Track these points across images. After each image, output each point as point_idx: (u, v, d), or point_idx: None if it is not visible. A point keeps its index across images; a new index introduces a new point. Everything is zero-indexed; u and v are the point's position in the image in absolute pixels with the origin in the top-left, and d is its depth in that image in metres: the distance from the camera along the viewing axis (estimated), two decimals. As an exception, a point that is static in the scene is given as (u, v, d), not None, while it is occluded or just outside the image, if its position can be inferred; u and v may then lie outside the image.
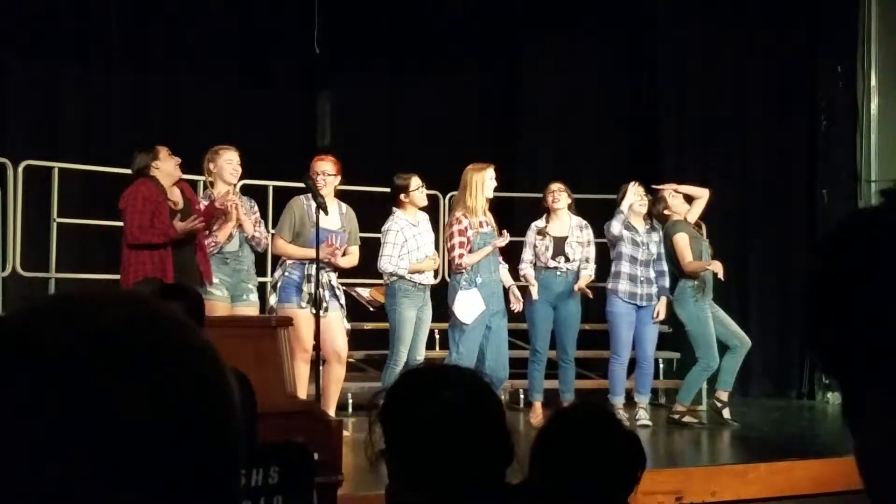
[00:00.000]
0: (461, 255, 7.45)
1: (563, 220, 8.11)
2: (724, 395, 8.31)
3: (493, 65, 11.11)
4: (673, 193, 8.34)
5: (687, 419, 8.25)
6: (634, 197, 8.11)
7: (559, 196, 8.07)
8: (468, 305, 7.46)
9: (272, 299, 7.13)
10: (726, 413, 8.26)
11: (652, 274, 8.15)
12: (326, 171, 7.10)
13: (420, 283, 7.42)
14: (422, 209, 7.61)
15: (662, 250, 8.20)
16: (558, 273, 8.03)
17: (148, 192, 6.59)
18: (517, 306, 7.86)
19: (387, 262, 7.34)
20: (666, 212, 8.31)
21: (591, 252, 8.17)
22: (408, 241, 7.38)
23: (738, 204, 9.98)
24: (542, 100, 11.08)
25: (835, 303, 0.87)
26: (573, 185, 8.42)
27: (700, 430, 8.22)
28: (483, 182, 7.51)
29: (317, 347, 6.65)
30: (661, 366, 9.82)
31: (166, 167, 6.69)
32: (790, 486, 6.58)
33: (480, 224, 7.56)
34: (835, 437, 7.70)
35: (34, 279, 8.39)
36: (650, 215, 8.26)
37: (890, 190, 0.88)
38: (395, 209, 7.50)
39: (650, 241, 8.16)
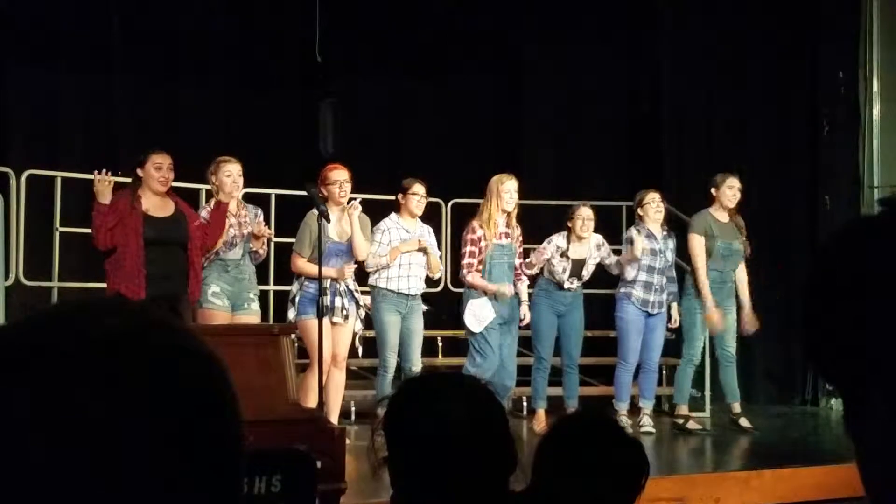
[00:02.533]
0: (469, 266, 7.48)
1: (584, 243, 8.06)
2: (735, 407, 8.31)
3: (495, 70, 11.11)
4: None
5: (691, 425, 8.24)
6: (642, 234, 8.07)
7: (588, 224, 8.01)
8: (478, 313, 7.47)
9: (290, 314, 7.10)
10: (744, 422, 8.24)
11: (664, 281, 8.15)
12: (346, 180, 7.12)
13: (399, 292, 7.40)
14: (423, 220, 7.62)
15: (674, 257, 8.21)
16: (568, 289, 8.04)
17: (115, 200, 6.50)
18: (525, 321, 7.90)
19: (371, 259, 7.34)
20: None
21: (612, 257, 8.18)
22: (392, 242, 7.39)
23: (739, 210, 9.97)
24: (543, 104, 11.07)
25: (834, 311, 0.87)
26: (575, 189, 8.43)
27: (704, 436, 8.21)
28: (496, 192, 7.51)
29: (321, 356, 6.65)
30: (664, 372, 9.82)
31: (146, 177, 6.60)
32: (794, 492, 6.57)
33: (500, 235, 7.56)
34: (838, 443, 7.69)
35: (37, 288, 8.39)
36: (667, 221, 8.26)
37: (887, 199, 0.89)
38: (393, 213, 7.53)
39: (667, 248, 8.15)
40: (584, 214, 8.00)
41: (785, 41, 10.15)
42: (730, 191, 8.19)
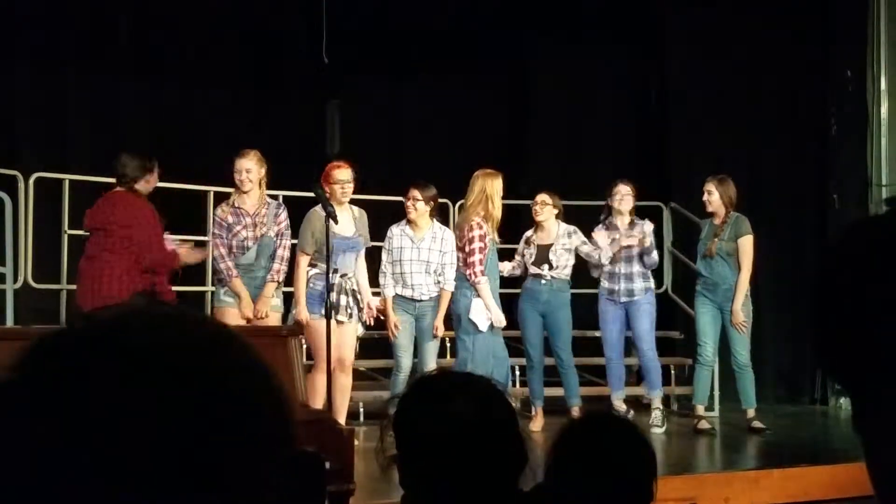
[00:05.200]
0: (482, 272, 7.48)
1: (549, 230, 8.19)
2: (749, 412, 8.31)
3: (501, 70, 11.10)
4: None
5: (702, 425, 8.25)
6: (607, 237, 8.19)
7: (541, 210, 8.16)
8: (484, 312, 7.49)
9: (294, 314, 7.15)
10: (756, 424, 8.25)
11: (635, 269, 8.22)
12: (348, 180, 7.12)
13: (403, 296, 7.47)
14: (433, 224, 7.63)
15: (653, 241, 8.28)
16: (543, 281, 8.09)
17: (152, 212, 6.67)
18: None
19: (381, 279, 7.59)
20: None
21: (586, 247, 8.22)
22: (394, 258, 7.50)
23: (747, 209, 9.97)
24: (549, 104, 11.07)
25: (843, 310, 0.87)
26: (582, 189, 8.46)
27: (713, 436, 8.21)
28: (495, 193, 7.56)
29: (329, 356, 6.65)
30: (673, 372, 9.82)
31: (153, 184, 6.82)
32: (803, 491, 6.56)
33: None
34: (848, 442, 7.66)
35: (46, 291, 8.41)
36: (635, 210, 8.37)
37: (894, 198, 0.89)
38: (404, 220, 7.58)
39: (629, 236, 8.22)
40: (539, 199, 8.18)
41: (792, 39, 10.13)
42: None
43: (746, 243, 8.19)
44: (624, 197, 8.27)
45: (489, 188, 7.55)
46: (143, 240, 6.50)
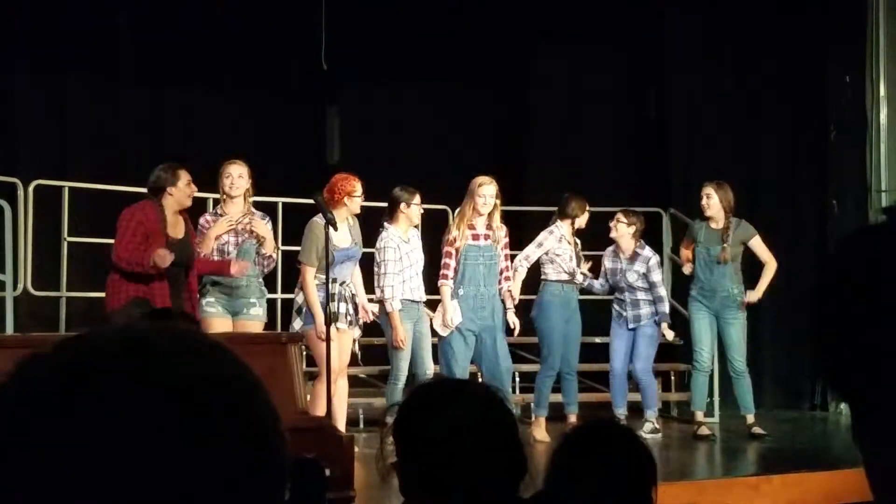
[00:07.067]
0: (444, 275, 7.52)
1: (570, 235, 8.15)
2: (749, 418, 8.31)
3: (501, 71, 11.10)
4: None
5: (702, 431, 8.24)
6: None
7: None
8: (444, 317, 7.47)
9: (296, 324, 7.05)
10: (756, 430, 8.24)
11: (640, 296, 8.19)
12: (359, 192, 7.13)
13: (411, 300, 7.43)
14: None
15: (657, 277, 8.23)
16: (575, 285, 8.06)
17: (145, 216, 6.38)
18: (517, 330, 7.83)
19: (389, 291, 7.36)
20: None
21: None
22: (404, 265, 7.44)
23: (747, 215, 9.97)
24: (549, 110, 11.08)
25: (842, 320, 0.88)
26: (582, 192, 8.43)
27: (713, 442, 8.21)
28: (470, 194, 7.54)
29: (328, 363, 6.64)
30: (673, 378, 9.81)
31: (180, 195, 6.48)
32: (803, 497, 6.55)
33: (476, 237, 7.56)
34: (848, 448, 7.62)
35: (45, 298, 8.41)
36: (637, 237, 8.27)
37: (891, 207, 0.89)
38: (386, 224, 7.51)
39: (629, 269, 8.19)
40: (588, 216, 8.07)
41: (792, 45, 10.15)
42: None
43: (758, 242, 8.35)
44: (623, 236, 8.19)
45: (468, 191, 7.59)
46: (116, 239, 6.36)
